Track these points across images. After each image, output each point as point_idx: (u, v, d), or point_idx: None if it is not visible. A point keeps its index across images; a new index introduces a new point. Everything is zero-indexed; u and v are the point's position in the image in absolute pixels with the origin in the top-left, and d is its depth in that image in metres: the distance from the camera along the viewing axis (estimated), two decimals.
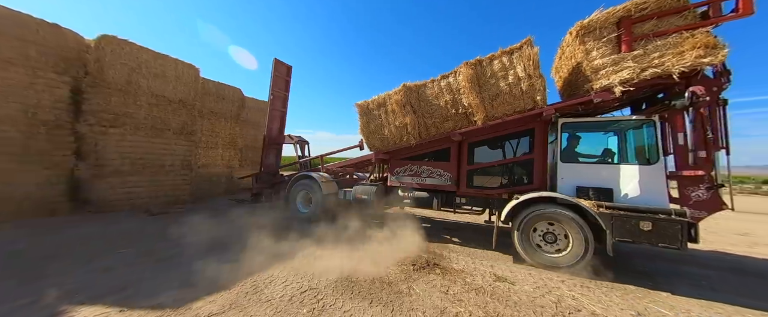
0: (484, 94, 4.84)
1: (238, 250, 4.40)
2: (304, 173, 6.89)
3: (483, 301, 3.17)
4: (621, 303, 3.31)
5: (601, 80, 4.12)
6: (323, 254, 4.35)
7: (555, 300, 3.25)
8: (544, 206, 4.24)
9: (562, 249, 4.15)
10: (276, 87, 7.79)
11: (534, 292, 3.43)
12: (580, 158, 4.61)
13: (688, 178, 3.82)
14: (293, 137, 8.80)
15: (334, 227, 5.70)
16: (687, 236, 3.52)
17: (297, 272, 3.73)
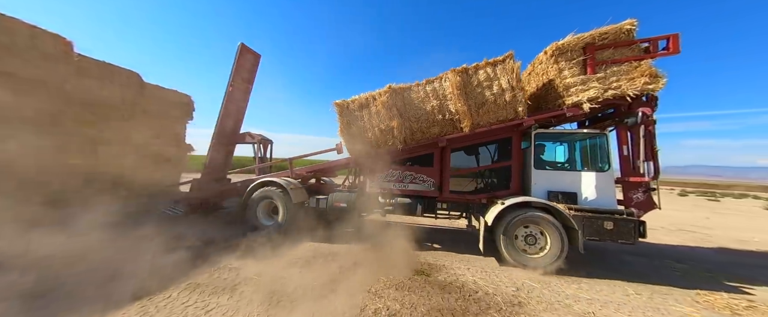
0: (471, 102, 4.99)
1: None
2: (267, 179, 6.01)
3: (401, 295, 3.42)
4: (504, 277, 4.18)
5: (572, 97, 4.68)
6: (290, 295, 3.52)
7: (460, 285, 3.83)
8: (527, 210, 4.55)
9: (541, 250, 4.50)
10: (238, 77, 6.66)
11: (445, 280, 3.96)
12: (547, 166, 5.13)
13: (633, 183, 4.60)
14: (254, 135, 7.40)
15: (303, 245, 5.16)
16: (638, 232, 4.22)
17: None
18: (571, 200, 4.66)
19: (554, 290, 3.83)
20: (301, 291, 3.50)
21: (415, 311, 3.15)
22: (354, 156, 5.80)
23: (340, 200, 5.70)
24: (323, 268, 4.24)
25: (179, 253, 4.51)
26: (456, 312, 3.16)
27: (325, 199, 5.90)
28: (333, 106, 5.66)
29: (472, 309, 3.23)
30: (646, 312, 3.32)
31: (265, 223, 5.89)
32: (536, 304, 3.42)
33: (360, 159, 5.71)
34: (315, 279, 3.83)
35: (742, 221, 11.56)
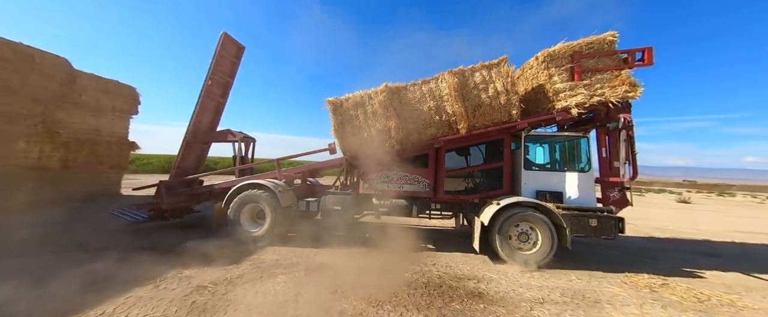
0: (467, 104, 5.06)
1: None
2: (251, 181, 5.56)
3: (367, 294, 3.43)
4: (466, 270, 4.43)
5: (561, 102, 4.95)
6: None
7: (426, 281, 3.95)
8: (520, 209, 4.73)
9: (533, 247, 4.72)
10: (218, 70, 6.07)
11: (410, 277, 4.04)
12: (535, 167, 5.42)
13: (611, 183, 4.98)
14: (236, 133, 6.66)
15: (268, 250, 4.90)
16: (618, 228, 4.63)
17: None
18: (558, 199, 4.95)
19: (510, 280, 4.13)
20: (261, 297, 3.31)
21: (382, 309, 3.17)
22: (347, 157, 5.58)
23: (335, 203, 5.45)
24: (289, 272, 4.06)
25: (113, 262, 4.09)
26: (421, 306, 3.24)
27: (316, 202, 5.61)
28: (325, 103, 5.40)
29: (437, 303, 3.33)
30: (585, 293, 3.73)
31: (250, 230, 5.43)
32: (494, 294, 3.66)
33: (354, 160, 5.52)
34: (278, 284, 3.66)
35: (660, 212, 13.61)
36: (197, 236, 5.53)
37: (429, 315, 3.10)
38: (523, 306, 3.36)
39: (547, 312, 3.26)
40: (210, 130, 6.54)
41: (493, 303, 3.42)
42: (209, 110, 6.31)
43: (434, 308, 3.24)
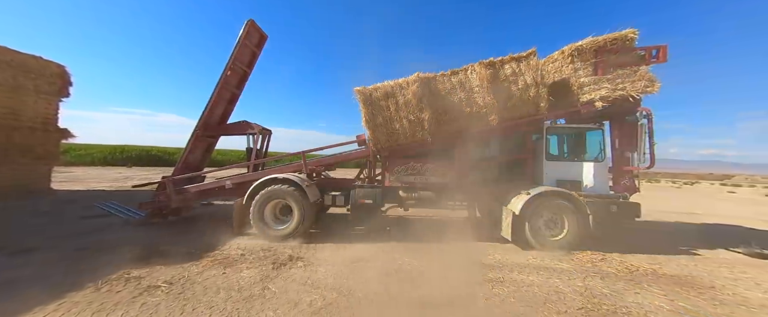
0: (498, 96, 5.10)
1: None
2: (276, 176, 5.30)
3: (339, 283, 3.49)
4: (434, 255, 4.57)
5: (586, 95, 5.15)
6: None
7: (397, 267, 4.08)
8: (547, 198, 4.93)
9: (559, 233, 4.97)
10: (239, 59, 5.71)
11: (382, 266, 4.11)
12: (556, 158, 5.62)
13: (625, 171, 5.33)
14: (254, 125, 6.23)
15: (231, 243, 4.66)
16: (636, 213, 5.00)
17: None
18: (576, 188, 5.19)
19: (471, 260, 4.40)
20: (224, 293, 3.13)
21: (352, 296, 3.18)
22: (378, 148, 5.45)
23: (365, 196, 5.34)
24: (254, 267, 3.89)
25: (41, 265, 3.73)
26: (392, 293, 3.34)
27: (342, 195, 5.47)
28: (355, 93, 5.24)
29: (406, 289, 3.46)
30: (538, 271, 4.08)
31: (276, 227, 5.16)
32: (460, 275, 3.87)
33: (383, 152, 5.42)
34: (242, 280, 3.49)
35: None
36: (157, 234, 5.20)
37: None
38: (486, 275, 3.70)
39: (511, 285, 3.60)
40: (221, 122, 6.17)
41: None
42: (223, 101, 5.94)
43: (405, 293, 3.32)
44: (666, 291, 3.57)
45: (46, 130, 9.75)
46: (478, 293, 3.37)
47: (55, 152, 10.19)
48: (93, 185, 12.30)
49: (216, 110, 5.92)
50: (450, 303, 3.12)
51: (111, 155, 28.28)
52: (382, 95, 5.23)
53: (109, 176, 17.20)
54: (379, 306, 3.00)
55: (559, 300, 3.23)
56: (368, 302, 3.09)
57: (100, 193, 10.41)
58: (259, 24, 6.01)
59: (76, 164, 24.40)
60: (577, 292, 3.44)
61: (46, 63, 9.56)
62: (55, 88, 9.86)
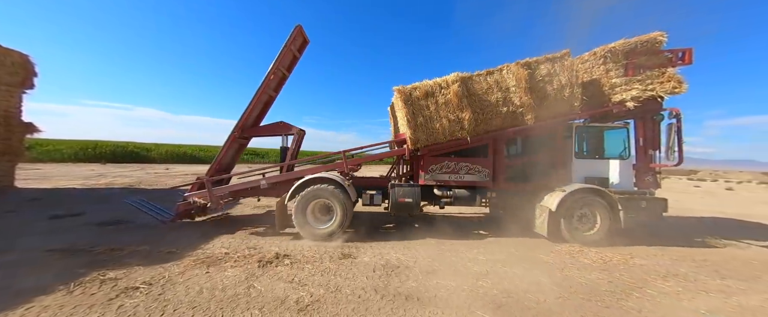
0: (534, 95, 5.19)
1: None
2: (318, 176, 5.28)
3: (325, 280, 3.53)
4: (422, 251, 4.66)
5: (617, 95, 5.34)
6: None
7: (384, 262, 4.14)
8: (581, 195, 5.11)
9: (592, 228, 5.19)
10: (282, 62, 5.74)
11: (370, 260, 4.20)
12: (584, 156, 5.70)
13: (650, 168, 5.55)
14: (292, 126, 6.15)
15: (214, 241, 4.54)
16: (663, 208, 5.26)
17: None
18: (604, 185, 5.40)
19: (460, 256, 4.50)
20: (207, 293, 3.06)
21: (340, 293, 3.19)
22: (418, 147, 5.43)
23: (405, 195, 5.36)
24: (239, 265, 3.82)
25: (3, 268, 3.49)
26: (378, 287, 3.35)
27: (378, 194, 5.50)
28: (395, 92, 5.26)
29: (393, 283, 3.48)
30: (522, 262, 4.26)
31: (319, 226, 5.12)
32: (446, 269, 3.96)
33: (423, 150, 5.43)
34: (227, 279, 3.41)
35: None
36: (135, 234, 5.03)
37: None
38: (472, 275, 3.79)
39: (494, 277, 3.73)
40: (256, 124, 6.18)
41: (445, 277, 3.70)
42: (260, 104, 5.94)
43: (391, 287, 3.37)
44: (636, 278, 3.81)
45: (9, 124, 9.09)
46: (463, 286, 3.47)
47: (18, 147, 9.52)
48: (62, 183, 11.58)
49: (254, 113, 5.93)
50: (435, 296, 3.19)
51: (82, 152, 26.61)
52: (422, 94, 5.22)
53: (80, 173, 16.22)
54: (366, 302, 3.03)
55: (538, 291, 3.39)
56: (356, 298, 3.11)
57: (70, 191, 9.83)
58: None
59: (43, 160, 22.81)
60: (555, 283, 3.62)
61: (7, 51, 8.85)
62: (17, 79, 9.15)
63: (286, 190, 5.50)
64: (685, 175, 36.37)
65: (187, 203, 5.50)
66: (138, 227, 5.63)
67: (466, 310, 2.93)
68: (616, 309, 3.03)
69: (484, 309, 2.96)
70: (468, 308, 2.97)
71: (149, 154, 31.04)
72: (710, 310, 3.06)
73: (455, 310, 2.92)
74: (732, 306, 3.19)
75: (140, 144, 34.72)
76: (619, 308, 3.06)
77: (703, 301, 3.27)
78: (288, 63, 5.94)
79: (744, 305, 3.21)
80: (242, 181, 5.87)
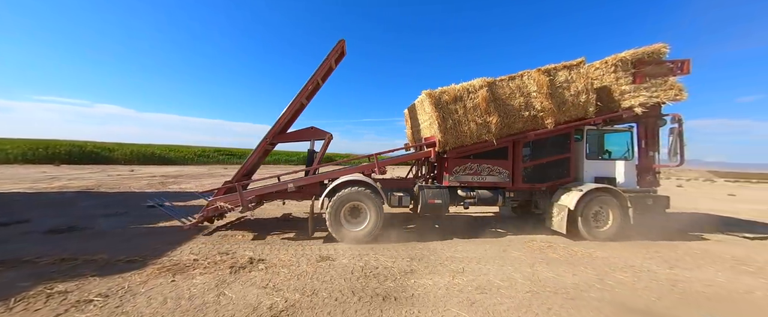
0: (554, 100, 5.47)
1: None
2: (351, 178, 5.34)
3: (302, 284, 3.44)
4: (402, 251, 4.74)
5: (626, 102, 5.73)
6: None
7: (363, 264, 4.11)
8: (596, 194, 5.45)
9: (605, 224, 5.54)
10: (319, 73, 5.77)
11: (348, 262, 4.17)
12: (594, 157, 6.06)
13: (651, 168, 6.02)
14: (325, 132, 6.15)
15: (183, 247, 4.28)
16: (667, 205, 5.70)
17: None
18: (613, 184, 5.78)
19: (438, 255, 4.59)
20: (172, 303, 2.88)
21: (316, 296, 3.13)
22: (443, 150, 5.58)
23: (435, 196, 5.52)
24: (209, 272, 3.63)
25: None
26: (356, 289, 3.33)
27: (406, 196, 5.57)
28: (426, 97, 5.39)
29: (372, 285, 3.47)
30: (495, 260, 4.43)
31: (353, 229, 5.12)
32: (424, 269, 4.02)
33: (450, 152, 5.58)
34: (195, 287, 3.23)
35: None
36: (90, 242, 4.66)
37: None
38: (449, 273, 3.87)
39: (470, 275, 3.85)
40: (284, 130, 6.15)
41: (422, 277, 3.76)
42: (292, 111, 5.94)
43: (369, 289, 3.37)
44: (598, 271, 4.09)
45: None
46: (440, 284, 3.54)
47: None
48: (6, 187, 10.39)
49: (284, 118, 5.91)
50: (412, 295, 3.23)
51: (31, 152, 24.02)
52: (451, 98, 5.34)
53: (29, 175, 14.64)
54: (343, 305, 3.00)
55: (510, 286, 3.54)
56: (332, 301, 3.07)
57: (15, 196, 8.84)
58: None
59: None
60: (526, 278, 3.80)
61: None
62: None
63: (311, 193, 5.55)
64: None
65: (215, 208, 5.32)
66: (95, 234, 5.21)
67: (442, 308, 2.99)
68: (580, 300, 3.23)
69: (460, 306, 3.03)
70: (444, 305, 3.03)
71: (112, 155, 28.66)
72: (660, 297, 3.35)
73: (431, 308, 2.98)
74: (676, 293, 3.51)
75: (101, 144, 31.95)
76: (582, 299, 3.27)
77: (655, 289, 3.57)
78: (324, 73, 6.02)
79: (687, 291, 3.55)
80: (268, 184, 5.80)
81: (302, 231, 5.63)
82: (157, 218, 6.55)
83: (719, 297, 3.42)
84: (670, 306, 3.17)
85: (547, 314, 2.93)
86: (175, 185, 13.10)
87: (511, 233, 5.96)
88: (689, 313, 3.03)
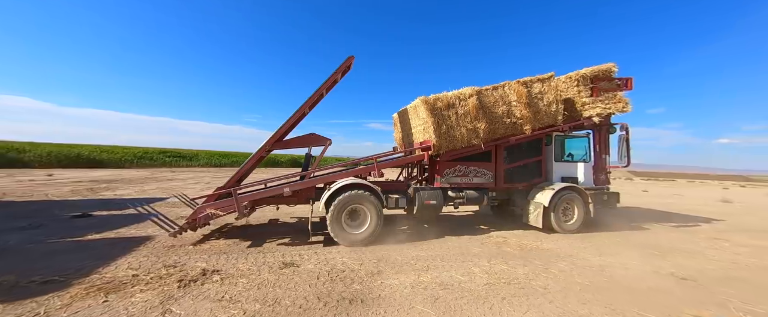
0: (531, 109, 6.12)
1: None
2: (353, 182, 5.36)
3: (262, 293, 3.25)
4: (369, 253, 4.78)
5: (586, 112, 6.62)
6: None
7: (329, 268, 4.07)
8: (566, 192, 6.22)
9: (571, 219, 6.34)
10: (325, 85, 5.83)
11: (314, 267, 4.08)
12: (561, 159, 6.90)
13: (604, 169, 7.01)
14: (325, 138, 6.11)
15: (123, 260, 3.93)
16: (618, 200, 6.80)
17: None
18: (576, 183, 6.68)
19: (404, 254, 4.71)
20: None
21: (279, 305, 3.00)
22: (437, 153, 5.91)
23: (430, 197, 5.79)
24: (152, 288, 3.25)
25: None
26: (322, 294, 3.25)
27: (402, 198, 5.75)
28: (421, 103, 5.74)
29: (338, 288, 3.42)
30: (456, 256, 4.68)
31: (354, 231, 5.16)
32: (390, 269, 4.08)
33: (442, 156, 5.93)
34: (134, 306, 2.88)
35: None
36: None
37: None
38: (414, 271, 4.00)
39: (434, 272, 4.01)
40: (281, 137, 6.02)
41: (389, 277, 3.82)
42: (292, 119, 5.89)
43: (335, 293, 3.32)
44: (544, 261, 4.57)
45: None
46: (405, 283, 3.64)
47: None
48: None
49: (285, 127, 5.87)
50: (378, 296, 3.27)
51: None
52: (445, 105, 5.70)
53: None
54: (307, 311, 2.91)
55: (470, 280, 3.77)
56: (296, 308, 2.96)
57: None
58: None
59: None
60: (484, 271, 4.08)
61: None
62: None
63: (307, 197, 5.57)
64: None
65: (206, 216, 4.96)
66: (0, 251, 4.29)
67: (407, 306, 3.07)
68: (529, 289, 3.57)
69: (424, 303, 3.15)
70: (409, 304, 3.12)
71: (22, 156, 23.84)
72: (591, 282, 3.87)
73: (397, 308, 3.04)
74: (604, 276, 4.08)
75: (7, 143, 26.36)
76: (531, 287, 3.62)
77: (588, 275, 4.10)
78: (329, 85, 6.06)
79: (612, 275, 4.15)
80: (259, 188, 5.59)
81: (268, 236, 5.41)
82: (84, 229, 5.66)
83: (634, 277, 4.06)
84: (601, 288, 3.68)
85: (501, 303, 3.19)
86: (108, 192, 11.43)
87: (470, 232, 6.35)
88: (613, 293, 3.55)
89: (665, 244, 5.80)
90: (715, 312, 3.08)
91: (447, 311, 3.00)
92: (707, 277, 4.09)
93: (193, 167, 32.51)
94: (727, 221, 8.68)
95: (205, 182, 16.09)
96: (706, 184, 30.36)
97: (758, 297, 3.46)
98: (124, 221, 6.44)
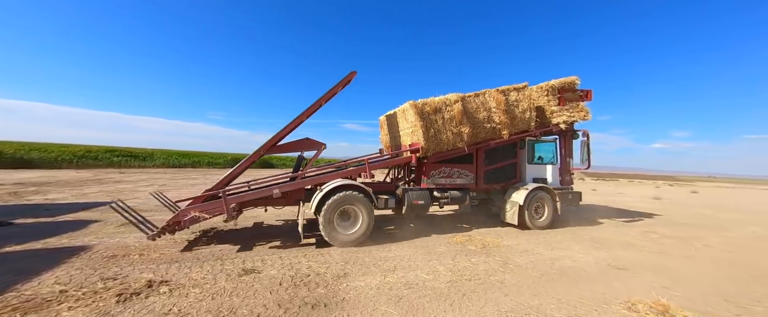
0: (508, 116, 6.62)
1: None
2: (345, 183, 5.39)
3: (216, 304, 3.02)
4: (336, 255, 4.72)
5: (554, 119, 7.29)
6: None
7: (294, 273, 3.92)
8: (538, 191, 6.80)
9: (541, 216, 6.92)
10: (325, 96, 5.81)
11: (276, 273, 3.88)
12: (532, 162, 7.49)
13: (568, 171, 7.72)
14: (320, 143, 6.10)
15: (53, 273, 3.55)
16: (580, 199, 7.53)
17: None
18: (545, 183, 7.31)
19: (372, 256, 4.69)
20: None
21: (234, 315, 2.81)
22: (424, 155, 6.19)
23: (418, 197, 6.02)
24: (84, 305, 2.90)
25: None
26: (283, 301, 3.13)
27: (391, 199, 5.92)
28: (410, 107, 5.98)
29: (301, 294, 3.32)
30: (423, 256, 4.78)
31: (345, 232, 5.20)
32: (357, 271, 4.05)
33: (429, 158, 6.22)
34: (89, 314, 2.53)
35: None
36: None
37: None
38: (381, 272, 4.01)
39: (400, 272, 4.07)
40: (275, 142, 5.91)
41: (355, 279, 3.79)
42: (290, 127, 5.84)
43: (298, 298, 3.23)
44: (503, 257, 4.84)
45: None
46: (371, 284, 3.63)
47: None
48: None
49: (283, 133, 5.81)
50: (343, 299, 3.22)
51: None
52: (432, 109, 5.98)
53: None
54: None
55: (434, 278, 3.88)
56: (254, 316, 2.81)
57: None
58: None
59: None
60: (448, 269, 4.21)
61: None
62: None
63: (297, 198, 5.58)
64: None
65: (191, 219, 4.67)
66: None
67: (371, 308, 3.06)
68: (488, 284, 3.75)
69: (388, 303, 3.16)
70: (373, 305, 3.11)
71: None
72: (542, 274, 4.18)
73: (361, 310, 3.02)
74: (555, 269, 4.43)
75: None
76: (489, 282, 3.81)
77: (540, 268, 4.44)
78: (328, 95, 6.08)
79: (562, 267, 4.54)
80: (247, 191, 5.47)
81: (223, 240, 5.11)
82: (1, 240, 4.85)
83: (579, 268, 4.47)
84: (551, 280, 3.99)
85: (461, 299, 3.31)
86: (38, 196, 9.96)
87: (437, 232, 6.54)
88: (561, 284, 3.88)
89: (606, 237, 6.45)
90: (641, 297, 3.51)
91: (410, 310, 3.04)
92: (639, 266, 4.64)
93: (146, 168, 29.52)
94: (657, 216, 9.95)
95: (160, 184, 14.70)
96: (643, 183, 34.51)
97: (677, 283, 3.99)
98: (56, 230, 5.66)
